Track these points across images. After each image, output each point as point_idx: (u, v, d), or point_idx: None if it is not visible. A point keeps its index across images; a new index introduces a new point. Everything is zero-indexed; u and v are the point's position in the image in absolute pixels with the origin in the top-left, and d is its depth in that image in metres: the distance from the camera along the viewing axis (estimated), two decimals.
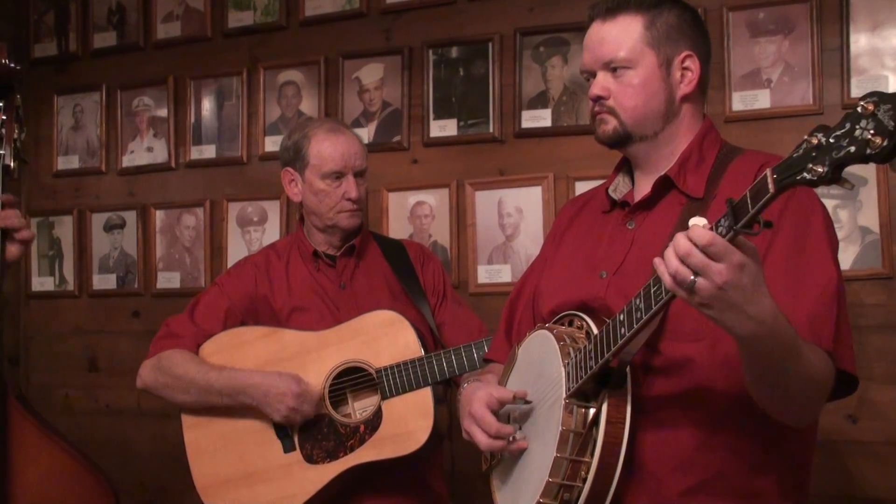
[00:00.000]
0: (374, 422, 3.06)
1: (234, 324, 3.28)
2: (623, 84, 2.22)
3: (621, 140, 2.26)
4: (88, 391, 4.88)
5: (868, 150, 1.46)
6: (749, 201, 1.62)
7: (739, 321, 1.73)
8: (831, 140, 1.51)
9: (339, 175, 3.22)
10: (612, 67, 2.22)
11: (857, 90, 3.50)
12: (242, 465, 3.16)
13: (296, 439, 3.12)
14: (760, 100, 3.65)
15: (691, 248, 1.67)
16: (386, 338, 3.12)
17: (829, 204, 3.41)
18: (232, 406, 3.15)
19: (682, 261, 1.69)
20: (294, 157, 3.30)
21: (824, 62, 3.56)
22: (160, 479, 4.58)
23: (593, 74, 2.27)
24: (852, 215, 3.47)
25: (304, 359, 3.16)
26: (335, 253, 3.32)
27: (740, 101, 3.67)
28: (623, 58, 2.21)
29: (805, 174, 1.53)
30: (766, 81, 3.65)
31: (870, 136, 1.46)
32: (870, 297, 3.46)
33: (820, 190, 1.56)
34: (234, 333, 3.26)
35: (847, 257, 3.45)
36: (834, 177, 1.51)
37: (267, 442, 3.14)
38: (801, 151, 1.55)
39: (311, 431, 3.11)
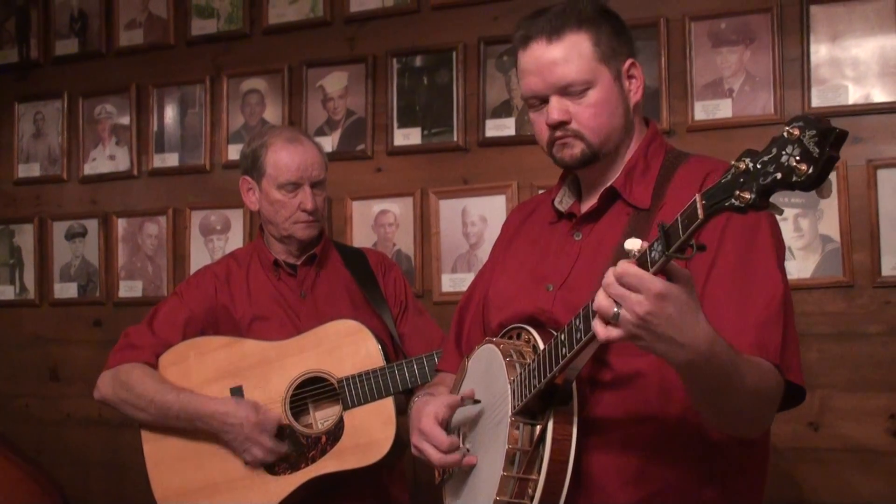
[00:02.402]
0: (335, 432, 3.04)
1: (194, 333, 3.25)
2: (583, 105, 2.16)
3: (588, 161, 2.20)
4: (49, 400, 4.84)
5: (794, 178, 1.44)
6: (680, 227, 1.59)
7: (671, 350, 1.71)
8: (758, 166, 1.49)
9: (295, 186, 3.20)
10: (571, 89, 2.16)
11: (817, 100, 3.53)
12: (202, 477, 3.13)
13: None
14: (722, 109, 3.67)
15: (612, 279, 1.67)
16: (348, 347, 3.11)
17: (790, 213, 3.44)
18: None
19: (606, 292, 1.68)
20: (252, 165, 3.27)
21: (785, 72, 3.59)
22: (121, 490, 4.55)
23: (544, 100, 2.19)
24: (813, 224, 3.50)
25: (266, 368, 3.13)
26: (295, 262, 3.31)
27: (702, 111, 3.70)
28: (583, 79, 2.14)
29: (733, 201, 1.51)
30: (727, 91, 3.67)
31: (795, 164, 1.43)
32: (830, 305, 3.48)
33: (781, 197, 1.55)
34: (194, 343, 3.23)
35: (808, 266, 3.48)
36: (761, 204, 1.49)
37: (227, 453, 3.11)
38: (729, 177, 1.53)
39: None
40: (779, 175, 1.46)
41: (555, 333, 1.98)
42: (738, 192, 1.51)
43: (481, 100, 4.06)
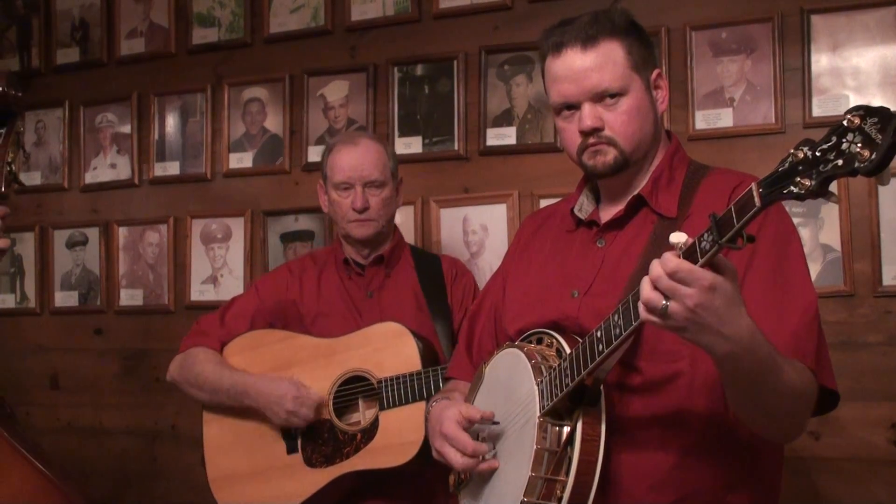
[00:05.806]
0: (371, 431, 3.10)
1: (262, 325, 3.37)
2: (617, 112, 2.17)
3: (620, 168, 2.21)
4: (49, 409, 4.83)
5: (857, 164, 1.45)
6: (734, 216, 1.61)
7: (715, 341, 1.73)
8: (818, 153, 1.50)
9: (347, 185, 3.29)
10: (605, 96, 2.17)
11: (818, 109, 3.53)
12: (249, 462, 3.25)
13: (299, 442, 3.19)
14: (723, 118, 3.67)
15: (661, 273, 1.67)
16: (390, 349, 3.17)
17: None
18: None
19: (655, 285, 1.69)
20: (322, 169, 3.40)
21: (786, 81, 3.59)
22: (121, 498, 4.54)
23: (574, 107, 2.20)
24: (814, 233, 3.50)
25: (314, 364, 3.22)
26: (364, 262, 3.39)
27: (703, 120, 3.70)
28: (617, 86, 2.16)
29: (792, 188, 1.52)
30: (728, 100, 3.68)
31: (857, 150, 1.45)
32: (831, 314, 3.48)
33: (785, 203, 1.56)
34: (254, 336, 3.35)
35: None
36: (821, 190, 1.50)
37: (273, 441, 3.23)
38: (786, 165, 1.55)
39: (313, 435, 3.17)
40: (840, 162, 1.47)
41: (579, 339, 2.00)
42: (798, 179, 1.52)
43: (482, 109, 4.06)
